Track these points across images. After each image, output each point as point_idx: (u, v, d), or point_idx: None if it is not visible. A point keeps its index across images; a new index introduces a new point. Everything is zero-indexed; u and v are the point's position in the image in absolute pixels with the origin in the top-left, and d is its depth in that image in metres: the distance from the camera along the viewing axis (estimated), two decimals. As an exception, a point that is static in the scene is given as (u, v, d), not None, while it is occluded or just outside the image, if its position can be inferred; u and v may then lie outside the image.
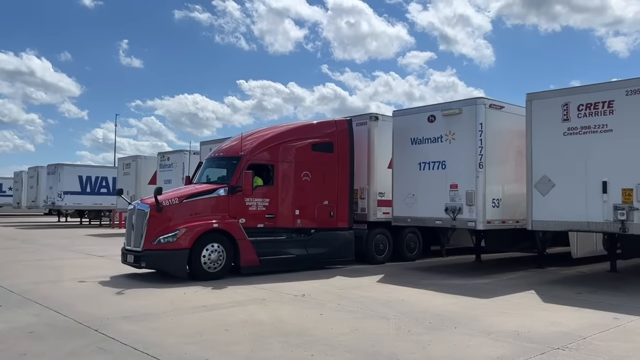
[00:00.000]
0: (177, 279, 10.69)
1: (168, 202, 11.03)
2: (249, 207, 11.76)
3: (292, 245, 12.35)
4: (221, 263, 11.09)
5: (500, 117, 12.24)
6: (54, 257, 15.32)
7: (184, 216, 11.06)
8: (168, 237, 10.67)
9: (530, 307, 8.59)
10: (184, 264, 10.67)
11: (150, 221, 10.84)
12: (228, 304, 8.49)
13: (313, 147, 12.94)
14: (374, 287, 10.44)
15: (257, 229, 11.85)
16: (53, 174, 34.36)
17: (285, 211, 12.33)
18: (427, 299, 9.19)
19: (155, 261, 10.78)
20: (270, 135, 12.64)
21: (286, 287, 10.16)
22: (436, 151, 12.51)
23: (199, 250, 10.81)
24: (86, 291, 9.63)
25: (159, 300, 8.83)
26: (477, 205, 11.74)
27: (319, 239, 12.74)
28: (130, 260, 11.09)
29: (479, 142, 11.77)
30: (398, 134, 13.41)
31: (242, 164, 11.75)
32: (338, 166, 13.26)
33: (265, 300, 8.88)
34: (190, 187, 12.27)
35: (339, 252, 13.14)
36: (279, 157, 12.32)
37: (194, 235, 10.75)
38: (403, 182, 13.18)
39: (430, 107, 12.94)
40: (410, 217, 13.06)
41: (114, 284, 10.37)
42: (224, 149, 12.83)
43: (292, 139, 12.69)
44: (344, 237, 13.25)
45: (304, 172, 12.61)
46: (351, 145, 13.53)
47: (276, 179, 12.22)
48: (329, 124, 13.49)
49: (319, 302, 8.75)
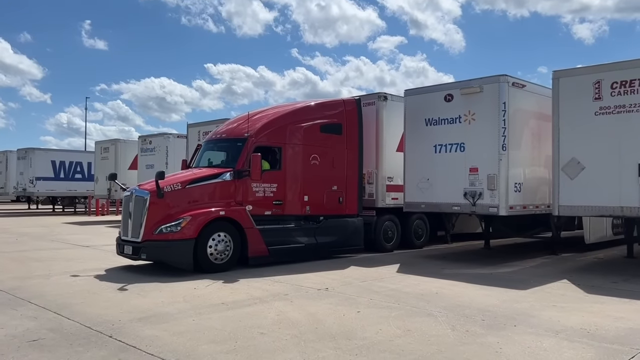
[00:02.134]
0: (179, 271, 9.75)
1: (170, 188, 10.04)
2: (256, 193, 10.84)
3: (301, 234, 11.51)
4: (228, 254, 10.19)
5: (522, 96, 11.56)
6: (36, 248, 14.14)
7: (188, 203, 10.09)
8: (171, 227, 9.71)
9: (577, 299, 7.96)
10: (189, 256, 9.72)
11: (150, 209, 9.84)
12: (249, 301, 7.61)
13: (321, 128, 12.04)
14: (397, 278, 9.69)
15: (264, 217, 10.97)
16: (24, 158, 32.56)
17: (294, 197, 11.46)
18: (461, 291, 8.48)
19: (157, 253, 9.81)
20: (277, 115, 11.70)
21: (303, 280, 9.33)
22: (454, 133, 11.77)
23: (205, 240, 9.89)
24: (84, 287, 8.61)
25: (169, 297, 7.90)
26: (499, 190, 11.06)
27: (328, 227, 11.92)
28: (128, 252, 10.09)
29: (502, 122, 11.06)
30: (411, 115, 12.61)
31: (248, 146, 10.81)
32: (347, 149, 12.41)
33: (288, 295, 8.04)
34: (191, 171, 11.28)
35: (349, 240, 12.36)
36: (287, 139, 11.40)
37: (199, 224, 9.81)
38: (416, 166, 12.42)
39: (446, 85, 12.17)
40: (424, 202, 12.33)
41: (113, 279, 9.37)
42: (227, 130, 11.84)
43: (300, 119, 11.76)
44: (353, 225, 12.46)
45: (312, 155, 11.73)
46: (360, 126, 12.69)
47: (284, 162, 11.31)
48: (337, 104, 12.60)
49: (347, 297, 7.95)
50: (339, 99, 12.84)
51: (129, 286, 8.67)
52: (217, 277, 9.43)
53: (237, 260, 10.40)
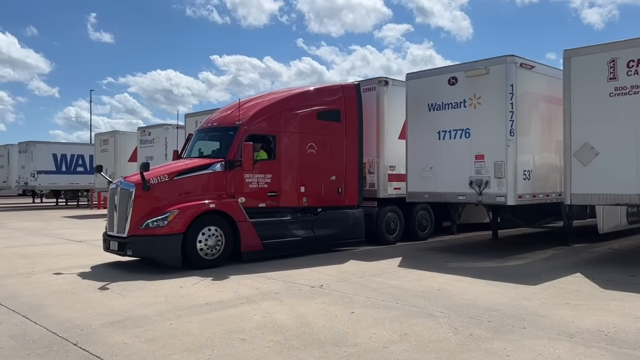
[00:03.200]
0: (168, 268, 9.23)
1: (156, 180, 9.47)
2: (249, 185, 10.26)
3: (298, 227, 10.93)
4: (219, 249, 9.64)
5: (530, 78, 10.85)
6: (27, 244, 13.68)
7: (176, 196, 9.54)
8: (158, 221, 9.15)
9: (592, 295, 7.32)
10: (177, 251, 9.18)
11: (136, 202, 9.30)
12: (236, 301, 7.05)
13: (318, 115, 11.42)
14: (398, 273, 9.09)
15: (258, 209, 10.40)
16: (25, 152, 32.20)
17: (290, 188, 10.86)
18: (466, 287, 7.87)
19: (144, 248, 9.26)
20: (270, 102, 11.06)
21: (298, 276, 8.76)
22: (458, 118, 11.10)
23: (194, 235, 9.34)
24: (63, 286, 8.09)
25: (151, 296, 7.35)
26: (507, 178, 10.40)
27: (326, 219, 11.33)
28: (114, 248, 9.57)
29: (509, 106, 10.37)
30: (413, 100, 11.95)
31: (240, 135, 10.21)
32: (346, 137, 11.78)
33: (279, 294, 7.47)
34: (181, 162, 10.71)
35: (349, 232, 11.76)
36: (281, 126, 10.77)
37: (188, 218, 9.25)
38: (419, 154, 11.78)
39: (450, 67, 11.48)
40: (427, 192, 11.69)
41: (96, 276, 8.84)
42: (218, 118, 11.24)
43: (296, 106, 11.13)
44: (353, 216, 11.86)
45: (309, 143, 11.12)
46: (360, 113, 12.04)
47: (278, 151, 10.71)
48: (335, 89, 11.94)
49: (342, 295, 7.37)
50: (337, 84, 12.19)
51: (111, 285, 8.14)
52: (206, 274, 8.88)
53: (229, 256, 9.86)
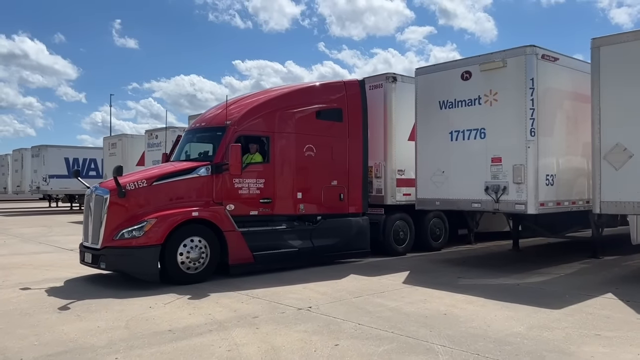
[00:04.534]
0: (147, 283, 8.30)
1: (133, 185, 8.56)
2: (239, 190, 9.29)
3: (294, 236, 9.92)
4: (204, 262, 8.68)
5: (554, 71, 9.68)
6: (16, 252, 12.97)
7: (155, 203, 8.62)
8: (133, 230, 8.23)
9: (628, 324, 6.16)
10: (153, 265, 8.25)
11: (110, 210, 8.39)
12: (205, 327, 6.08)
13: (318, 114, 10.40)
14: (401, 292, 8.02)
15: (249, 217, 9.43)
16: (37, 156, 31.90)
17: (285, 194, 9.86)
18: (477, 311, 6.77)
19: (117, 261, 8.34)
20: (263, 100, 10.09)
21: (286, 295, 7.76)
22: (473, 116, 9.97)
23: (175, 247, 8.40)
24: (21, 305, 7.21)
25: (112, 320, 6.42)
26: (527, 184, 9.24)
27: (326, 228, 10.30)
28: (88, 260, 8.67)
29: (529, 102, 9.22)
30: (423, 97, 10.86)
31: (228, 136, 9.26)
32: (349, 138, 10.73)
33: (258, 318, 6.47)
34: (163, 166, 9.82)
35: (352, 242, 10.71)
36: (276, 126, 9.79)
37: (167, 227, 8.32)
38: (430, 157, 10.68)
39: (463, 61, 10.35)
40: (439, 199, 10.57)
41: (64, 293, 7.95)
42: (207, 118, 10.32)
43: (292, 104, 10.12)
44: (357, 225, 10.80)
45: (307, 145, 10.10)
46: (364, 112, 11.00)
47: (272, 154, 9.71)
48: (337, 87, 10.90)
49: (330, 320, 6.34)
50: (339, 80, 11.14)
51: (74, 304, 7.23)
52: (185, 291, 7.93)
53: (215, 269, 8.91)
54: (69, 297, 7.59)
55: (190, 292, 7.88)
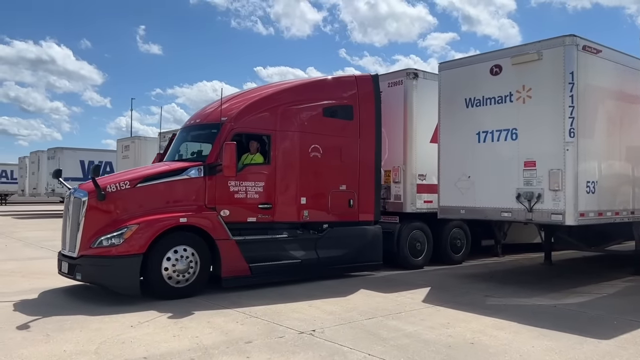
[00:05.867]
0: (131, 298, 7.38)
1: (114, 187, 7.66)
2: (235, 194, 8.32)
3: (297, 246, 8.91)
4: (192, 274, 7.72)
5: (596, 65, 8.61)
6: (11, 257, 12.30)
7: (139, 207, 7.69)
8: (112, 238, 7.32)
9: (697, 363, 5.08)
10: (134, 277, 7.29)
11: (88, 214, 7.51)
12: (187, 354, 5.15)
13: (325, 111, 9.36)
14: (421, 313, 7.00)
15: (246, 225, 8.45)
16: (53, 158, 31.65)
17: (287, 199, 8.88)
18: (510, 340, 5.73)
19: (94, 272, 7.40)
20: (265, 95, 9.11)
21: (288, 314, 6.81)
22: (503, 115, 8.92)
23: (159, 257, 7.45)
24: (-12, 320, 6.41)
25: (84, 342, 5.54)
26: (565, 191, 8.16)
27: (334, 237, 9.26)
28: (64, 270, 7.76)
29: (568, 99, 8.15)
30: (447, 94, 9.85)
31: (224, 134, 8.32)
32: (360, 138, 9.67)
33: (252, 343, 5.53)
34: (149, 166, 8.98)
35: (362, 254, 9.65)
36: (278, 124, 8.80)
37: (150, 235, 7.38)
38: (454, 160, 9.65)
39: (493, 53, 9.32)
40: (464, 207, 9.52)
41: (34, 308, 7.03)
42: (203, 114, 9.39)
43: (296, 100, 9.11)
44: (368, 235, 9.74)
45: (312, 145, 9.08)
46: (378, 109, 9.94)
47: (274, 154, 8.72)
48: (347, 82, 9.85)
49: (336, 349, 5.36)
50: (350, 74, 10.10)
51: (49, 320, 6.37)
52: (170, 307, 7.00)
53: (205, 282, 7.94)
54: (39, 313, 6.69)
55: (181, 308, 6.97)
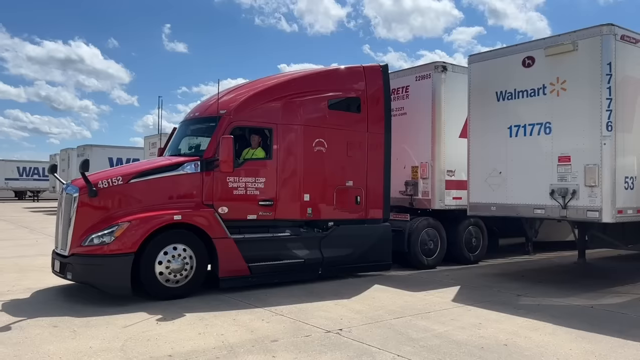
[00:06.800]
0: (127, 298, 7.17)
1: (106, 183, 7.42)
2: (234, 190, 8.04)
3: (300, 245, 8.57)
4: (187, 274, 7.47)
5: (635, 56, 8.24)
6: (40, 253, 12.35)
7: (132, 203, 7.49)
8: (103, 236, 7.09)
9: None
10: (124, 277, 7.02)
11: (79, 211, 7.30)
12: (212, 352, 5.06)
13: (331, 104, 9.00)
14: (451, 313, 6.79)
15: (246, 222, 8.18)
16: (82, 155, 32.05)
17: (289, 196, 8.55)
18: (546, 342, 5.50)
19: (84, 271, 7.16)
20: (266, 87, 8.82)
21: (314, 312, 6.69)
22: (536, 109, 8.63)
23: (152, 256, 7.23)
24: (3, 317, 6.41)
25: (107, 340, 5.47)
26: (602, 187, 7.84)
27: (339, 236, 8.91)
28: (57, 269, 7.55)
29: (606, 92, 7.83)
30: (477, 87, 9.59)
31: (222, 127, 8.04)
32: (368, 132, 9.30)
33: (277, 342, 5.42)
34: (150, 161, 8.86)
35: (370, 253, 9.28)
36: (280, 117, 8.47)
37: (142, 233, 7.14)
38: (485, 155, 9.38)
39: (525, 45, 9.01)
40: (495, 204, 9.25)
41: (62, 304, 7.05)
42: (202, 107, 9.14)
43: (300, 92, 8.76)
44: (376, 233, 9.37)
45: (316, 139, 8.75)
46: (387, 101, 9.58)
47: (275, 149, 8.41)
48: (355, 73, 9.42)
49: (363, 349, 5.21)
50: (357, 65, 9.63)
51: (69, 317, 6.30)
52: (196, 305, 6.96)
53: (202, 282, 7.68)
54: (72, 308, 6.77)
55: (206, 305, 6.93)
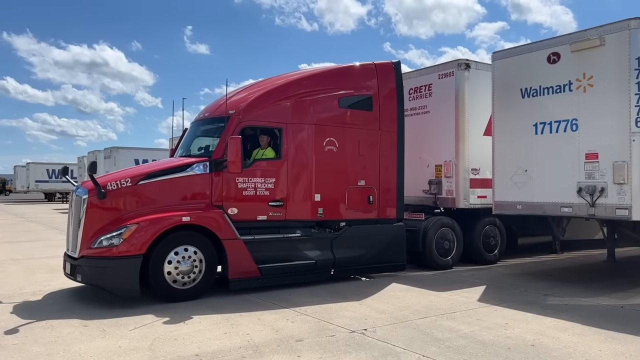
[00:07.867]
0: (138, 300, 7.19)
1: (115, 185, 7.45)
2: (244, 191, 8.00)
3: (311, 246, 8.47)
4: (197, 276, 7.45)
5: (665, 49, 8.04)
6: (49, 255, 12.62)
7: (141, 205, 7.51)
8: (111, 238, 7.11)
9: None
10: (133, 279, 7.02)
11: (88, 213, 7.33)
12: (238, 352, 5.11)
13: (342, 102, 8.90)
14: (477, 313, 6.73)
15: (256, 223, 8.13)
16: (109, 157, 32.72)
17: (300, 196, 8.48)
18: (575, 343, 5.41)
19: (94, 273, 7.18)
20: (275, 86, 8.76)
21: (339, 312, 6.71)
22: (562, 105, 8.49)
23: (161, 258, 7.22)
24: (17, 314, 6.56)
25: (135, 339, 5.58)
26: (632, 184, 7.67)
27: (351, 237, 8.82)
28: (68, 271, 7.62)
29: (634, 87, 7.66)
30: (501, 85, 9.47)
31: (231, 127, 8.00)
32: (380, 131, 9.19)
33: (302, 342, 5.45)
34: (159, 162, 8.94)
35: (383, 254, 9.15)
36: (290, 116, 8.40)
37: (150, 235, 7.13)
38: (510, 153, 9.27)
39: (550, 40, 8.86)
40: (520, 202, 9.13)
41: (92, 303, 7.18)
42: (211, 108, 9.14)
43: (310, 91, 8.68)
44: (390, 233, 9.24)
45: (327, 138, 8.66)
46: (400, 99, 9.47)
47: (285, 148, 8.34)
48: (366, 70, 9.30)
49: (388, 350, 5.20)
50: (369, 62, 9.53)
51: (99, 316, 6.44)
52: (222, 304, 7.05)
53: (212, 284, 7.67)
54: (102, 307, 6.90)
55: (232, 305, 7.00)
